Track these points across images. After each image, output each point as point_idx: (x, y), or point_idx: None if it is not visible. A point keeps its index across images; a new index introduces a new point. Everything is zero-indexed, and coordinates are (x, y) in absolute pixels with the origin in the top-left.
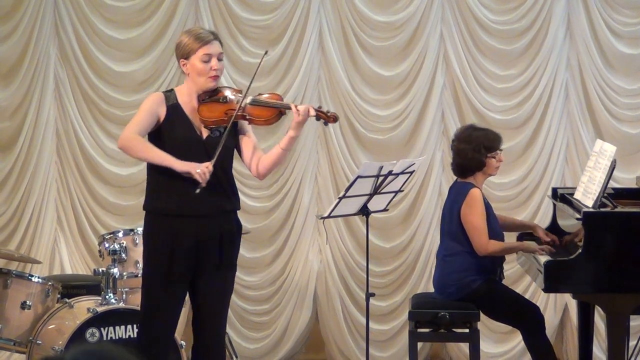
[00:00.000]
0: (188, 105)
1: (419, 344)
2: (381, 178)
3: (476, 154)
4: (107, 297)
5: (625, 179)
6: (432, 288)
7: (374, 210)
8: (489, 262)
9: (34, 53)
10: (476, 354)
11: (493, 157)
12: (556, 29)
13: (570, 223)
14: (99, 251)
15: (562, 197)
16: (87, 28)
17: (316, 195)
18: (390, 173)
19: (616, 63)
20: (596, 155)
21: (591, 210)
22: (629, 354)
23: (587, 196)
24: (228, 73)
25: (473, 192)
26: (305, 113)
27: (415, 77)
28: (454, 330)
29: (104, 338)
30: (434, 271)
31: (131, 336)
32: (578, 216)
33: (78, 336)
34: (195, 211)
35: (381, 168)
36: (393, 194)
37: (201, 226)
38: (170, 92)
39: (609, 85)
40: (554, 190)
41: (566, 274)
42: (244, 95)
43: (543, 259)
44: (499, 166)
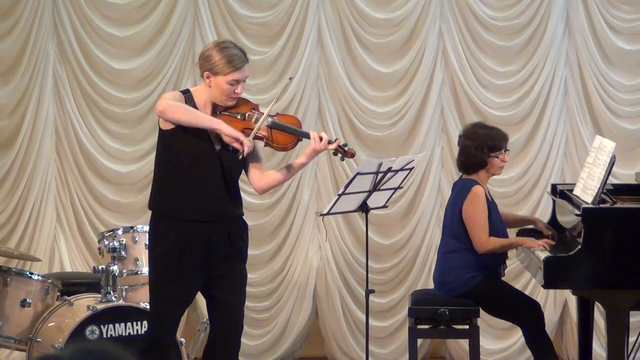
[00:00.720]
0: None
1: (419, 341)
2: (380, 175)
3: (478, 152)
4: (107, 295)
5: (624, 175)
6: (432, 284)
7: (374, 207)
8: (490, 259)
9: (33, 51)
10: (476, 351)
11: (496, 157)
12: (555, 25)
13: (569, 219)
14: (99, 249)
15: (562, 193)
16: (86, 25)
17: (316, 192)
18: (389, 170)
19: (615, 59)
20: (595, 151)
21: (590, 206)
22: (629, 350)
23: (587, 192)
24: None
25: (475, 190)
26: (325, 144)
27: (414, 74)
28: (454, 326)
29: (104, 335)
30: (434, 267)
31: (131, 333)
32: (577, 212)
33: (78, 334)
34: (205, 216)
35: (380, 165)
36: (392, 191)
37: (210, 228)
38: (187, 94)
39: (608, 81)
40: (554, 186)
41: (566, 270)
42: (264, 116)
43: (543, 255)
44: (503, 166)
